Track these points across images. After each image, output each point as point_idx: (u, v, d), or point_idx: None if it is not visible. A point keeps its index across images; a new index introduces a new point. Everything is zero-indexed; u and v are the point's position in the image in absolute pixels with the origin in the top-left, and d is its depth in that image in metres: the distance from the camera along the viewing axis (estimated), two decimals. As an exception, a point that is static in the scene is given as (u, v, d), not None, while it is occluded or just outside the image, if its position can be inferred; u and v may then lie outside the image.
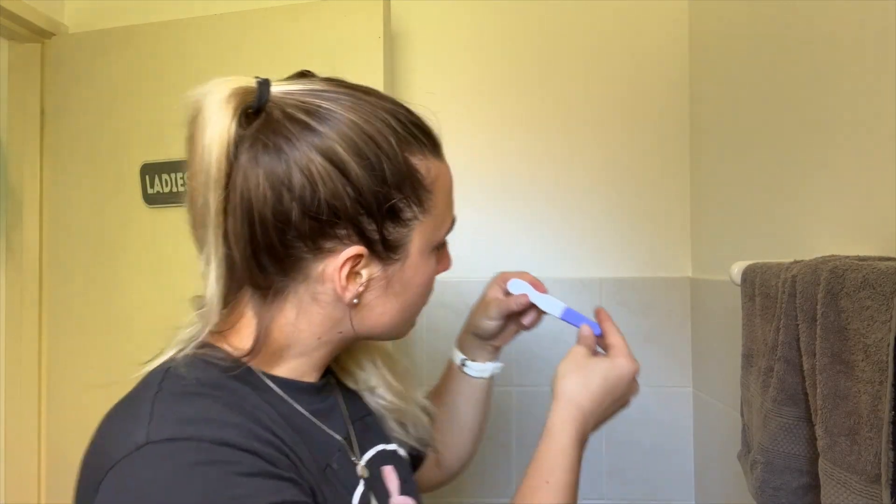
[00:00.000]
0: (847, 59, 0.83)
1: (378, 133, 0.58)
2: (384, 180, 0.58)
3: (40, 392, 1.48)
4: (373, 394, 0.74)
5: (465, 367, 0.88)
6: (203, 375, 0.56)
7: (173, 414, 0.52)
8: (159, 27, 1.40)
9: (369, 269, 0.60)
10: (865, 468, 0.59)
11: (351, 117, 0.57)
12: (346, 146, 0.56)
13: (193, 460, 0.49)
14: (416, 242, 0.62)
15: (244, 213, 0.55)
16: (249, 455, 0.51)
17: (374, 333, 0.66)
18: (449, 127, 1.68)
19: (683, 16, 1.46)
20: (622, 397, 0.74)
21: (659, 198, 1.48)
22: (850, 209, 0.82)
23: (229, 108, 0.54)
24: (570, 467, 0.66)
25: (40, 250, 1.49)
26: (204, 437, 0.50)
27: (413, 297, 0.66)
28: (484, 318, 0.85)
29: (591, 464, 1.47)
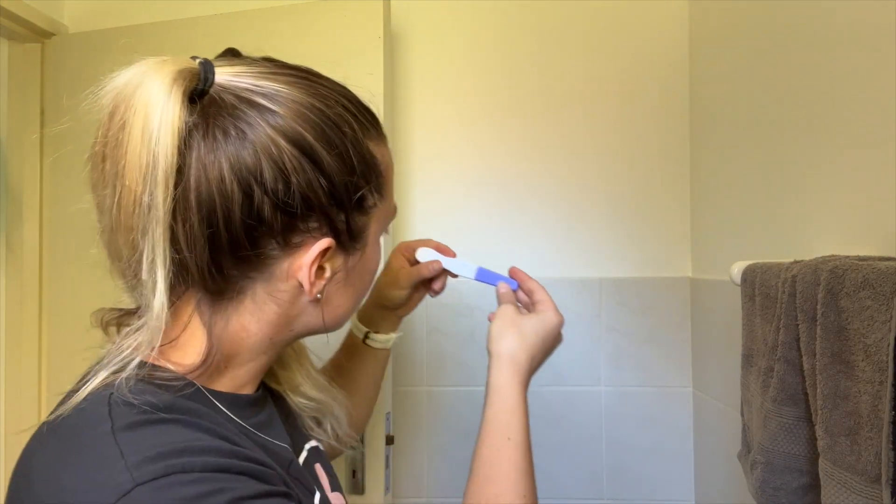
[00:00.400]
0: (847, 58, 0.83)
1: (340, 118, 0.55)
2: (352, 168, 0.55)
3: (40, 392, 1.48)
4: (296, 392, 0.72)
5: (370, 339, 0.89)
6: (154, 399, 0.49)
7: (148, 447, 0.45)
8: (159, 27, 1.40)
9: (332, 261, 0.57)
10: (865, 468, 0.59)
11: (313, 102, 0.54)
12: (314, 133, 0.52)
13: (193, 494, 0.44)
14: (374, 230, 0.61)
15: (204, 210, 0.49)
16: (244, 477, 0.48)
17: (322, 330, 0.62)
18: (448, 127, 1.69)
19: (683, 16, 1.46)
20: (553, 347, 0.78)
21: (659, 198, 1.48)
22: (850, 209, 0.82)
23: (178, 92, 0.48)
24: (524, 421, 0.70)
25: (40, 250, 1.49)
26: (195, 468, 0.45)
27: (365, 287, 0.64)
28: (394, 288, 0.86)
29: (591, 464, 1.47)
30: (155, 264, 0.49)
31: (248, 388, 0.61)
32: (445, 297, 1.51)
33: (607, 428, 1.47)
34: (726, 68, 1.26)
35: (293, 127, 0.52)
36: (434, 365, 1.50)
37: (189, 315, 0.55)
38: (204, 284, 0.53)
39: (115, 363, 0.51)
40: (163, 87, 0.48)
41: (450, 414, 1.49)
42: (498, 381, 0.71)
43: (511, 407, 0.70)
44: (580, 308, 1.48)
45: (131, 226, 0.49)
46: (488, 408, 0.70)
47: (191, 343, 0.55)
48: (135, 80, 0.49)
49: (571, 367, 1.47)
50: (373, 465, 1.26)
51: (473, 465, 0.67)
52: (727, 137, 1.25)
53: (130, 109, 0.48)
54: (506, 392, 0.70)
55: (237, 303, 0.55)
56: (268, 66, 0.55)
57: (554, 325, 0.76)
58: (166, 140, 0.47)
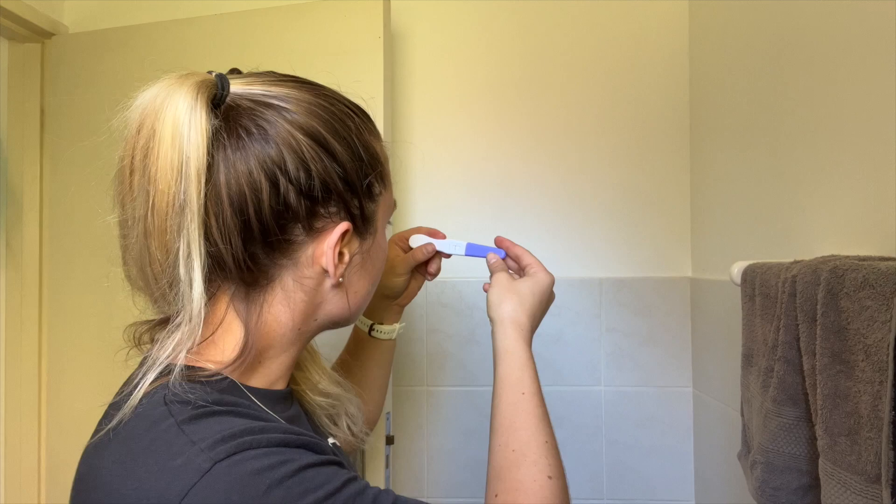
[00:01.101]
0: (847, 59, 0.83)
1: (344, 114, 0.61)
2: (360, 157, 0.60)
3: (40, 392, 1.48)
4: (314, 390, 0.74)
5: (375, 331, 0.92)
6: (206, 397, 0.53)
7: (215, 432, 0.50)
8: (159, 27, 1.40)
9: (350, 245, 0.62)
10: (865, 468, 0.59)
11: (320, 101, 0.60)
12: (325, 126, 0.58)
13: (266, 465, 0.49)
14: (380, 218, 0.66)
15: (235, 203, 0.54)
16: (303, 449, 0.52)
17: (341, 317, 0.66)
18: (449, 127, 1.69)
19: (683, 16, 1.47)
20: (548, 305, 0.83)
21: (659, 198, 1.48)
22: (850, 209, 0.82)
23: (202, 99, 0.53)
24: (534, 375, 0.73)
25: (40, 250, 1.49)
26: (262, 443, 0.50)
27: (378, 273, 0.68)
28: (392, 276, 0.89)
29: (591, 464, 1.47)
30: (191, 259, 0.52)
31: (280, 384, 0.65)
32: (445, 297, 1.51)
33: (607, 428, 1.47)
34: (726, 68, 1.26)
35: (307, 121, 0.57)
36: (434, 365, 1.50)
37: (224, 310, 0.58)
38: (239, 275, 0.57)
39: (159, 364, 0.54)
40: (188, 96, 0.53)
41: (450, 414, 1.49)
42: (504, 344, 0.75)
43: (521, 364, 0.73)
44: (580, 308, 1.48)
45: (165, 228, 0.53)
46: (499, 368, 0.74)
47: (226, 339, 0.59)
48: (161, 93, 0.53)
49: (571, 367, 1.47)
50: (373, 465, 1.26)
51: (494, 423, 0.70)
52: (727, 137, 1.25)
53: (159, 119, 0.52)
54: (514, 352, 0.74)
55: (269, 293, 0.59)
56: (273, 75, 0.61)
57: (547, 284, 0.81)
58: (196, 139, 0.52)
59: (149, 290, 0.57)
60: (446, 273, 1.53)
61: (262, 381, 0.62)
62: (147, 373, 0.54)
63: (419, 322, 1.50)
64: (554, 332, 1.48)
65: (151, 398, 0.53)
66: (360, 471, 1.25)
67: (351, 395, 0.78)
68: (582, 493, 1.47)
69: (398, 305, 0.94)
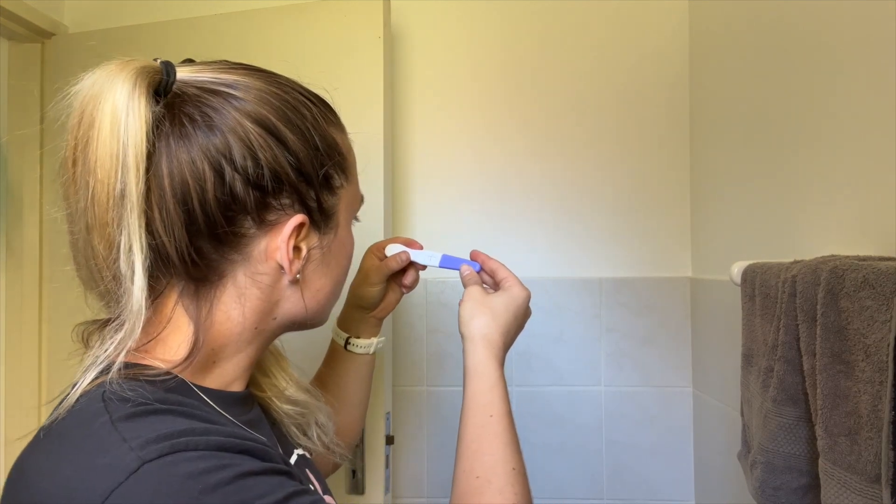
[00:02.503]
0: (847, 58, 0.83)
1: (299, 102, 0.58)
2: (316, 147, 0.58)
3: (40, 392, 1.48)
4: (281, 397, 0.71)
5: (351, 344, 0.89)
6: (146, 394, 0.50)
7: (150, 431, 0.46)
8: (159, 27, 1.40)
9: (308, 240, 0.59)
10: (865, 468, 0.59)
11: (272, 88, 0.57)
12: (276, 114, 0.56)
13: (200, 469, 0.45)
14: (342, 211, 0.63)
15: (178, 193, 0.52)
16: (246, 455, 0.49)
17: (305, 316, 0.63)
18: (448, 126, 1.69)
19: (683, 16, 1.46)
20: (523, 322, 0.80)
21: (659, 198, 1.48)
22: (850, 209, 0.82)
23: (142, 85, 0.51)
24: (504, 397, 0.70)
25: (40, 250, 1.49)
26: (198, 446, 0.47)
27: (342, 272, 0.66)
28: (366, 286, 0.86)
29: (591, 464, 1.47)
30: (132, 252, 0.50)
31: (237, 386, 0.61)
32: (445, 296, 1.51)
33: (607, 428, 1.47)
34: (726, 68, 1.26)
35: (256, 109, 0.55)
36: (434, 365, 1.50)
37: (171, 308, 0.56)
38: (186, 271, 0.54)
39: (101, 361, 0.52)
40: (127, 83, 0.50)
41: (450, 414, 1.49)
42: (474, 363, 0.71)
43: (489, 385, 0.70)
44: (580, 308, 1.48)
45: (107, 220, 0.51)
46: (467, 389, 0.70)
47: (175, 337, 0.56)
48: (99, 80, 0.51)
49: (571, 367, 1.47)
50: (373, 465, 1.26)
51: (460, 446, 0.67)
52: (727, 137, 1.25)
53: (98, 107, 0.50)
54: (483, 372, 0.70)
55: (220, 289, 0.57)
56: (225, 63, 0.58)
57: (522, 300, 0.78)
58: (135, 127, 0.49)
59: (95, 286, 0.56)
60: (446, 273, 1.53)
61: (216, 382, 0.59)
62: (87, 371, 0.52)
63: (419, 322, 1.50)
64: (554, 332, 1.48)
65: (89, 395, 0.51)
66: (360, 471, 1.25)
67: (320, 404, 0.75)
68: (582, 493, 1.47)
69: (375, 318, 0.90)
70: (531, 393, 1.48)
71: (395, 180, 1.51)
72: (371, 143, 1.27)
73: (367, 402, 0.94)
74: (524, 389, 1.48)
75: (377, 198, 1.28)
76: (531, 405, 1.47)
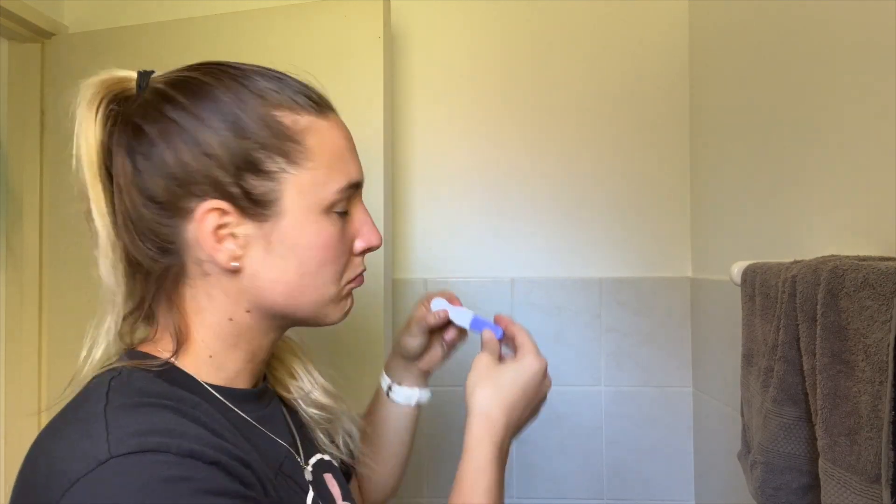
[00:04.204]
0: (847, 58, 0.83)
1: (238, 89, 0.58)
2: (240, 132, 0.57)
3: (40, 392, 1.48)
4: (306, 401, 0.71)
5: (392, 392, 0.85)
6: (149, 386, 0.54)
7: (132, 426, 0.49)
8: (159, 27, 1.40)
9: (242, 227, 0.58)
10: (865, 468, 0.59)
11: (209, 80, 0.59)
12: (190, 97, 0.58)
13: (162, 475, 0.47)
14: (293, 198, 0.59)
15: (119, 195, 0.57)
16: (215, 468, 0.49)
17: (281, 309, 0.61)
18: (448, 126, 1.69)
19: (683, 16, 1.46)
20: (536, 396, 0.72)
21: (659, 198, 1.48)
22: (850, 209, 0.82)
23: (96, 99, 0.58)
24: (489, 487, 0.64)
25: (40, 250, 1.49)
26: (169, 449, 0.48)
27: (310, 262, 0.60)
28: (407, 335, 0.84)
29: (591, 464, 1.47)
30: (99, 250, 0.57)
31: (243, 381, 0.63)
32: (445, 297, 1.51)
33: (607, 428, 1.47)
34: (726, 68, 1.26)
35: (179, 102, 0.57)
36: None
37: (156, 311, 0.61)
38: (147, 264, 0.58)
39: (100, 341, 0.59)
40: (86, 96, 0.60)
41: (450, 414, 1.49)
42: (467, 439, 0.66)
43: (475, 468, 0.65)
44: (580, 308, 1.48)
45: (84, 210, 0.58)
46: (459, 466, 0.66)
47: (164, 332, 0.61)
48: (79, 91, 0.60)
49: (571, 367, 1.47)
50: (373, 465, 1.25)
51: None
52: (727, 137, 1.25)
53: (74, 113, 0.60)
54: (473, 452, 0.65)
55: (180, 281, 0.60)
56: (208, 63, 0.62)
57: (534, 372, 0.70)
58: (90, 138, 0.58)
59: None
60: (446, 273, 1.54)
61: (219, 377, 0.61)
62: (92, 349, 0.59)
63: (419, 322, 1.50)
64: (554, 332, 1.48)
65: (99, 379, 0.55)
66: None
67: (347, 411, 0.74)
68: (582, 493, 1.47)
69: (419, 369, 0.86)
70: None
71: (395, 180, 1.51)
72: (371, 143, 1.27)
73: (405, 459, 0.89)
74: (524, 389, 1.47)
75: (377, 198, 1.28)
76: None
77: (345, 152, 0.63)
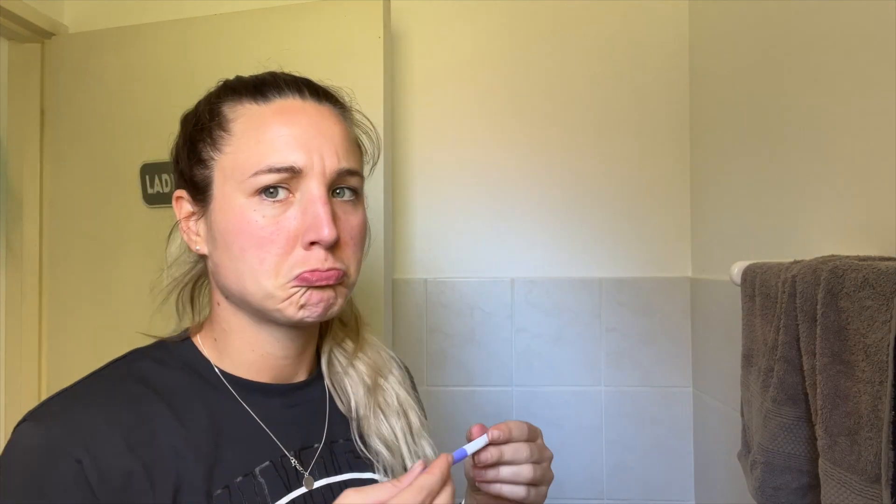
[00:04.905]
0: (847, 58, 0.83)
1: (213, 91, 0.65)
2: (196, 124, 0.63)
3: (40, 392, 1.48)
4: (361, 432, 0.68)
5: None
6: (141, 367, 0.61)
7: (66, 396, 0.58)
8: (159, 27, 1.40)
9: (196, 214, 0.64)
10: (865, 468, 0.59)
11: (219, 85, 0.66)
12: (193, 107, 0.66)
13: (27, 445, 0.54)
14: (219, 183, 0.61)
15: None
16: (76, 467, 0.52)
17: (239, 295, 0.61)
18: (448, 127, 1.68)
19: (683, 16, 1.46)
20: None
21: (659, 198, 1.48)
22: (850, 209, 0.82)
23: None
24: None
25: (40, 250, 1.49)
26: (51, 432, 0.54)
27: (233, 246, 0.59)
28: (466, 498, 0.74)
29: (591, 464, 1.47)
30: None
31: (258, 375, 0.64)
32: (445, 297, 1.51)
33: (607, 428, 1.47)
34: (726, 68, 1.26)
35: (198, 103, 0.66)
36: (434, 365, 1.50)
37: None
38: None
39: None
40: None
41: (450, 414, 1.49)
42: None
43: None
44: (580, 308, 1.48)
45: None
46: None
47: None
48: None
49: (571, 367, 1.47)
50: (373, 465, 1.25)
51: None
52: (727, 137, 1.25)
53: None
54: None
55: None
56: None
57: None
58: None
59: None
60: (446, 273, 1.54)
61: (230, 366, 0.64)
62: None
63: (419, 322, 1.50)
64: (554, 332, 1.47)
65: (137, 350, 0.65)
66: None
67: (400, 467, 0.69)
68: (582, 493, 1.47)
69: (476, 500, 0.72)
70: (531, 393, 1.48)
71: (395, 180, 1.51)
72: (371, 143, 1.27)
73: None
74: (524, 389, 1.48)
75: (377, 198, 1.28)
76: (531, 405, 1.47)
77: (276, 136, 0.59)
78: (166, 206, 1.39)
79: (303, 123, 0.61)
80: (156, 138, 1.39)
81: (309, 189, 0.60)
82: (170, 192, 1.39)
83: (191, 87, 0.68)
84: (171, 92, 1.32)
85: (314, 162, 0.60)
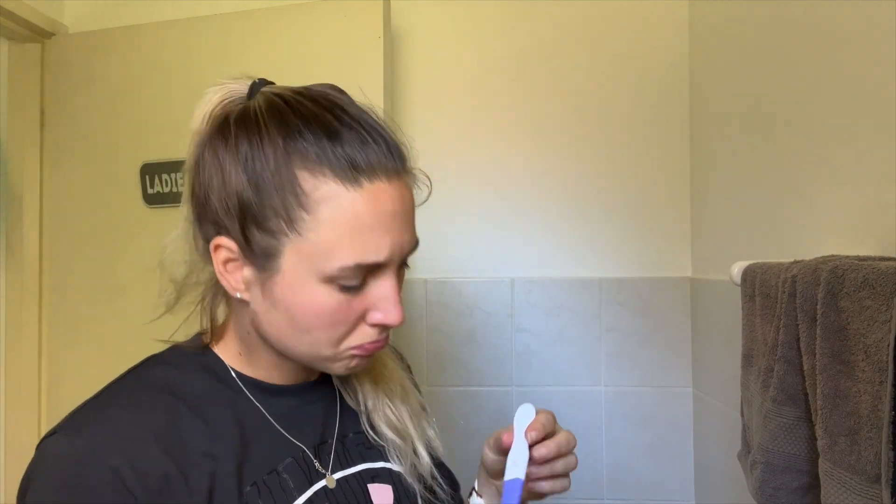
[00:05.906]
0: (847, 58, 0.83)
1: (281, 138, 0.56)
2: (255, 184, 0.56)
3: (40, 391, 1.48)
4: (373, 426, 0.71)
5: (471, 497, 0.80)
6: (162, 373, 0.62)
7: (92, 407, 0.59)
8: (159, 27, 1.40)
9: (246, 269, 0.59)
10: (865, 468, 0.59)
11: (266, 119, 0.57)
12: (240, 142, 0.57)
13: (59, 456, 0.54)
14: (290, 260, 0.57)
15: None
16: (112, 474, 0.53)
17: (273, 343, 0.62)
18: (448, 127, 1.69)
19: (684, 17, 1.46)
20: None
21: (659, 198, 1.48)
22: (850, 209, 0.82)
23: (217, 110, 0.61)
24: None
25: (40, 250, 1.49)
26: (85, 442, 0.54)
27: (304, 322, 0.59)
28: (486, 447, 0.76)
29: (591, 464, 1.47)
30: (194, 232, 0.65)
31: (277, 378, 0.66)
32: (445, 297, 1.51)
33: (607, 428, 1.47)
34: (726, 68, 1.26)
35: (226, 137, 0.58)
36: (434, 365, 1.50)
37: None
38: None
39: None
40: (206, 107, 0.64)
41: (450, 414, 1.49)
42: None
43: None
44: (580, 308, 1.48)
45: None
46: None
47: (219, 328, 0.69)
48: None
49: (571, 367, 1.47)
50: (373, 465, 1.25)
51: None
52: (727, 137, 1.25)
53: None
54: None
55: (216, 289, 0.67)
56: (302, 90, 0.62)
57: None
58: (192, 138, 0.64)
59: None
60: (446, 273, 1.54)
61: (253, 371, 0.66)
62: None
63: (419, 322, 1.50)
64: (554, 332, 1.47)
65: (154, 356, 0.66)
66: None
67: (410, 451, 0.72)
68: (582, 493, 1.47)
69: (496, 487, 0.78)
70: (531, 393, 1.47)
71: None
72: (371, 143, 1.27)
73: None
74: (524, 389, 1.47)
75: (377, 198, 1.28)
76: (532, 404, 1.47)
77: (366, 230, 0.56)
78: (166, 206, 1.40)
79: (392, 213, 0.58)
80: (156, 138, 1.40)
81: (385, 275, 0.61)
82: (170, 192, 1.39)
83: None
84: (171, 92, 1.32)
85: (395, 252, 0.59)
